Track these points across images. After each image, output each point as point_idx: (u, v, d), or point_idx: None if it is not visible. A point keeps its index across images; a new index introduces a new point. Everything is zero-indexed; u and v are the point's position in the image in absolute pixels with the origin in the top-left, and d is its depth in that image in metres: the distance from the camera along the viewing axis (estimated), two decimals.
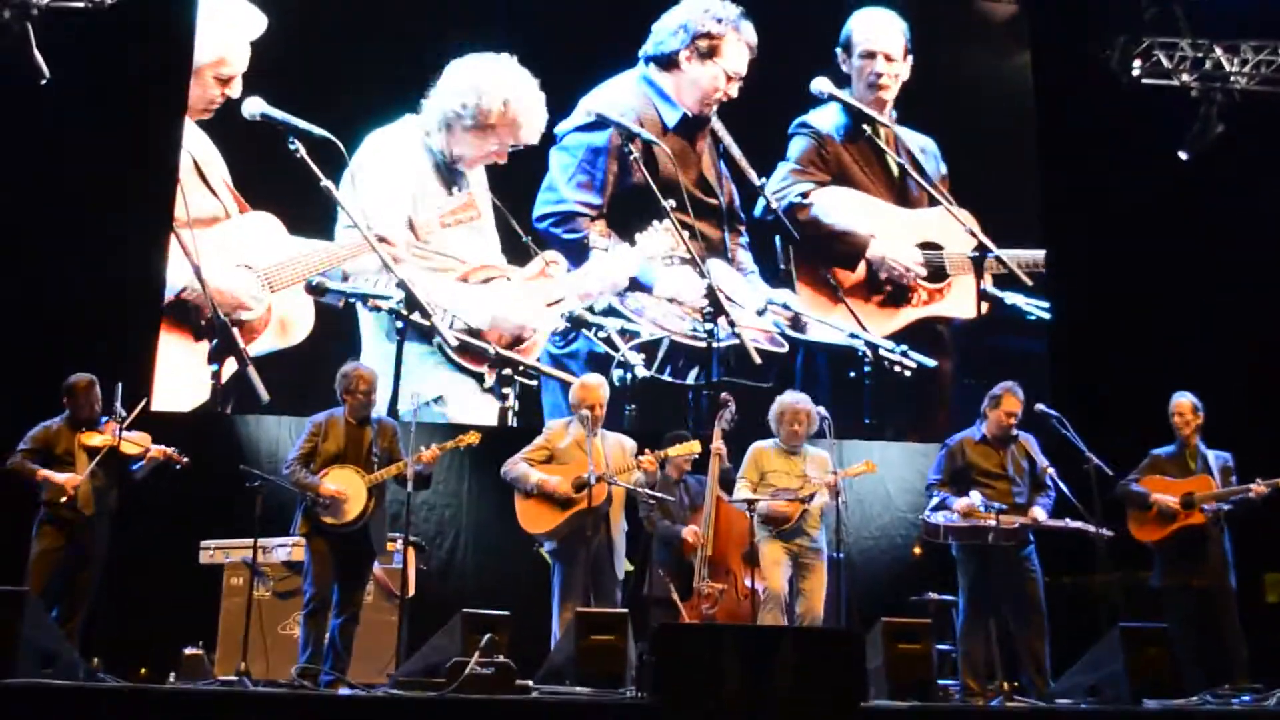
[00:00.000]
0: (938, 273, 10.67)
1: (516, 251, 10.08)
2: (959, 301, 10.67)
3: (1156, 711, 6.37)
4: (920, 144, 10.97)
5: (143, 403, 7.90)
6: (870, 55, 10.93)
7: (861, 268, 10.64)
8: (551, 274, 10.06)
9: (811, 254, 10.60)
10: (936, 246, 10.66)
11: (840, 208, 10.70)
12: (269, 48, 10.08)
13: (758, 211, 10.59)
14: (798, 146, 10.77)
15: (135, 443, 7.62)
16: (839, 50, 10.98)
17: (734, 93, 10.52)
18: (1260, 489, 7.70)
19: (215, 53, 10.07)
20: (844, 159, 10.74)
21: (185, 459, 7.69)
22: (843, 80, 10.93)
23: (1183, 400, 8.08)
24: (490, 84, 10.15)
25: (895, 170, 10.86)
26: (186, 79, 9.99)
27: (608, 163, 10.29)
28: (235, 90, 9.94)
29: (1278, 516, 7.91)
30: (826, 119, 10.83)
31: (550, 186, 10.28)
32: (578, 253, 10.16)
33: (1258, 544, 8.35)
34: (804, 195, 10.64)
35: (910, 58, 11.00)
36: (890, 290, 10.64)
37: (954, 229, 10.71)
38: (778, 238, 10.56)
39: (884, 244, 10.66)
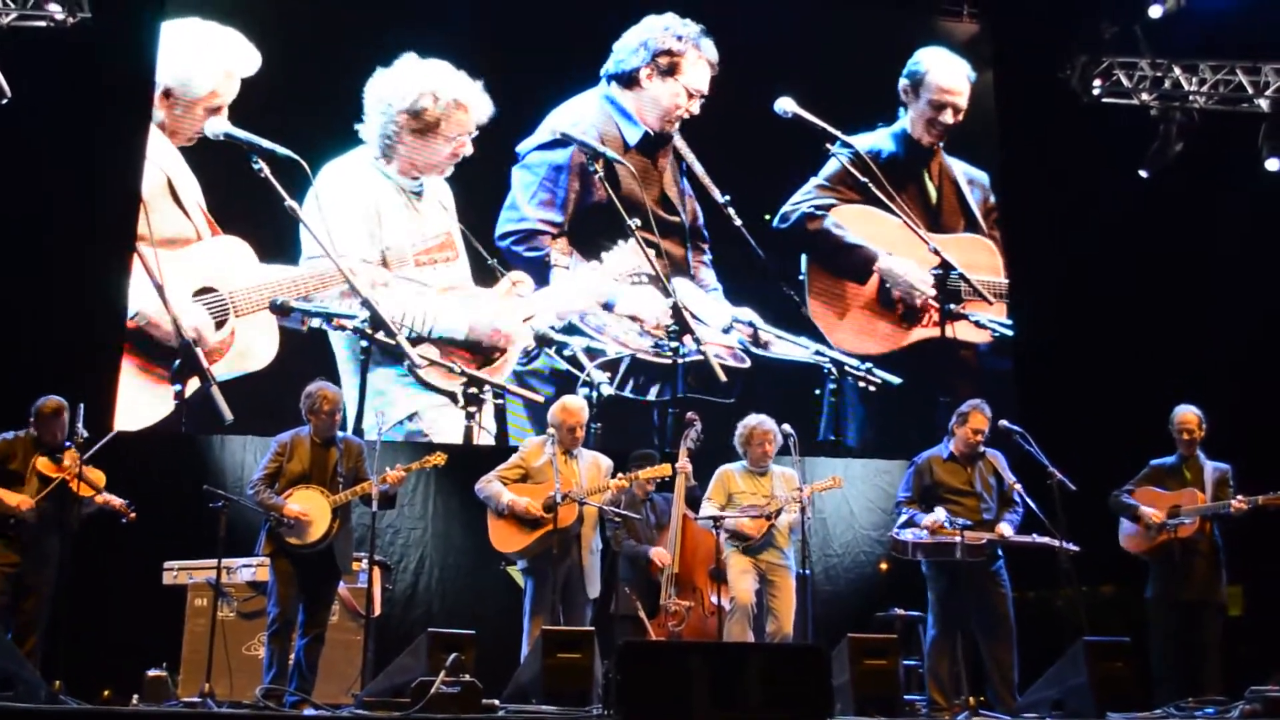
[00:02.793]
0: (952, 296, 10.69)
1: (483, 273, 10.09)
2: (971, 326, 10.72)
3: None
4: (970, 175, 11.07)
5: (111, 435, 7.72)
6: (938, 107, 11.04)
7: (873, 282, 10.69)
8: (521, 294, 10.08)
9: (821, 267, 10.67)
10: (945, 273, 10.65)
11: (856, 223, 10.77)
12: (253, 83, 10.08)
13: (775, 222, 10.63)
14: (830, 167, 10.82)
15: (90, 483, 7.44)
16: (904, 79, 11.10)
17: (695, 110, 10.57)
18: (1239, 505, 7.73)
19: (208, 86, 10.06)
20: (876, 181, 10.71)
21: (133, 513, 7.61)
22: (886, 99, 11.07)
23: (1189, 414, 8.07)
24: (408, 87, 10.19)
25: (934, 197, 10.93)
26: (150, 98, 9.95)
27: (569, 180, 10.32)
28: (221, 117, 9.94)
29: (1244, 531, 7.98)
30: (866, 142, 10.90)
31: (512, 205, 10.29)
32: (539, 271, 10.17)
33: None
34: (820, 209, 10.71)
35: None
36: (903, 309, 10.69)
37: (980, 258, 10.79)
38: (752, 247, 10.59)
39: (896, 260, 10.71)
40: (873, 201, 10.75)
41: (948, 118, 11.05)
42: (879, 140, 10.97)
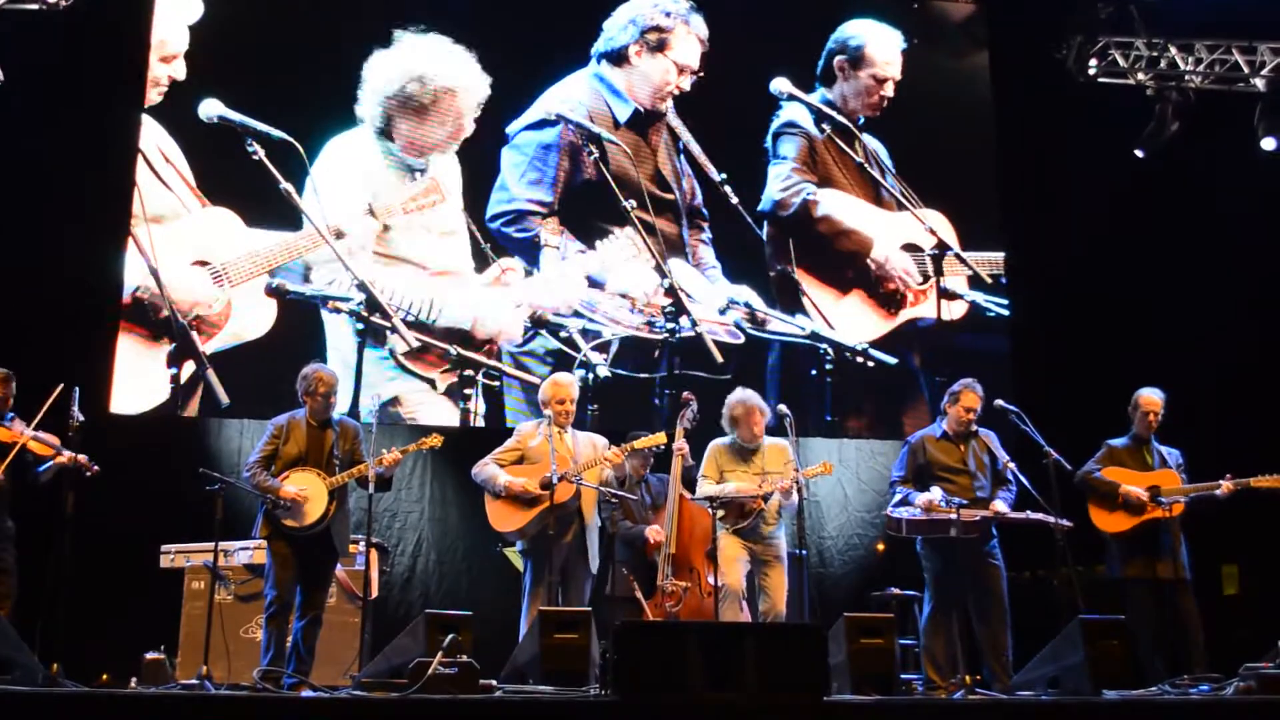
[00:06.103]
0: (924, 275, 10.67)
1: (481, 256, 10.07)
2: (943, 303, 10.69)
3: (1116, 702, 6.41)
4: (874, 148, 10.99)
5: (57, 390, 7.28)
6: (880, 81, 10.95)
7: (863, 267, 10.68)
8: (508, 281, 10.04)
9: (818, 249, 10.65)
10: (917, 248, 10.67)
11: (841, 208, 10.73)
12: (235, 56, 10.03)
13: (764, 206, 10.61)
14: (791, 146, 10.78)
15: (44, 444, 7.28)
16: (835, 51, 10.97)
17: (686, 85, 10.53)
18: (1228, 487, 7.77)
19: (155, 35, 10.01)
20: (828, 160, 10.73)
21: (95, 467, 7.38)
22: (808, 71, 10.92)
23: (1154, 397, 8.11)
24: (395, 72, 10.17)
25: (869, 171, 10.91)
26: (143, 77, 9.90)
27: (558, 159, 10.30)
28: (179, 70, 9.89)
29: (1234, 510, 8.00)
30: (806, 119, 10.84)
31: (502, 186, 10.26)
32: (529, 251, 10.15)
33: (1215, 536, 8.44)
34: (813, 193, 10.68)
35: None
36: (889, 291, 10.68)
37: (948, 236, 10.75)
38: (765, 229, 10.58)
39: (882, 247, 10.69)
40: (833, 184, 10.75)
41: (888, 90, 10.98)
42: (807, 116, 10.92)
